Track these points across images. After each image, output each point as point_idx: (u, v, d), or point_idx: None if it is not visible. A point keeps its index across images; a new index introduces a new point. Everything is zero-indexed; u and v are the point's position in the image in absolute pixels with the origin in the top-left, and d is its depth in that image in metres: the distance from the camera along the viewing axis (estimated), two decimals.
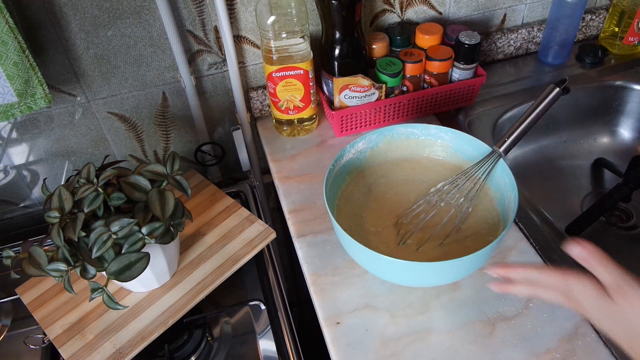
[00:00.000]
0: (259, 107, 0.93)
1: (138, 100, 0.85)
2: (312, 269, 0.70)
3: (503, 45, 1.01)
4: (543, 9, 1.00)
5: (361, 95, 0.83)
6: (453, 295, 0.66)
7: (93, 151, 0.89)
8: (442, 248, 0.65)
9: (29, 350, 0.72)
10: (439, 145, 0.74)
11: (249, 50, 0.86)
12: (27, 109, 0.70)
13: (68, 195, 0.61)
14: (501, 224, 0.66)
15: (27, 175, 0.88)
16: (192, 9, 0.79)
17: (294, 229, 0.75)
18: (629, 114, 0.98)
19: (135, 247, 0.59)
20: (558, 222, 0.76)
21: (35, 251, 0.60)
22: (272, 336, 0.71)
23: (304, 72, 0.80)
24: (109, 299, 0.60)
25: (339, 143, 0.87)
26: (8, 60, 0.65)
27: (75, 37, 0.75)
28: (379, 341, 0.62)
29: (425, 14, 0.92)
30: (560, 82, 0.66)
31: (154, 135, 0.91)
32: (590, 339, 0.60)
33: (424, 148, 0.75)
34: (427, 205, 0.69)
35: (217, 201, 0.82)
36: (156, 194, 0.62)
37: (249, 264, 0.74)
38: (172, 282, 0.71)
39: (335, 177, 0.69)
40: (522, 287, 0.53)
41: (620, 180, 0.86)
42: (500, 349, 0.60)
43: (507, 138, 0.67)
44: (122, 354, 0.64)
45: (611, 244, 0.86)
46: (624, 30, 0.98)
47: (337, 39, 0.79)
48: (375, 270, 0.64)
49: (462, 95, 0.90)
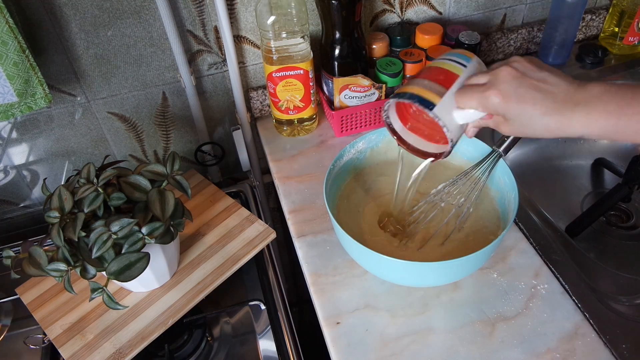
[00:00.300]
0: (259, 107, 0.93)
1: (138, 100, 0.85)
2: (312, 269, 0.70)
3: (503, 45, 1.01)
4: (543, 9, 1.00)
5: (361, 95, 0.83)
6: (453, 295, 0.66)
7: (93, 151, 0.89)
8: (443, 248, 0.65)
9: (29, 350, 0.72)
10: None
11: (249, 50, 0.86)
12: (27, 108, 0.70)
13: (68, 195, 0.61)
14: (501, 224, 0.66)
15: (27, 175, 0.88)
16: (192, 9, 0.79)
17: (294, 229, 0.75)
18: None
19: (135, 247, 0.59)
20: (558, 222, 0.76)
21: (35, 251, 0.60)
22: (272, 336, 0.71)
23: (304, 72, 0.80)
24: (109, 299, 0.60)
25: (339, 143, 0.87)
26: (8, 60, 0.65)
27: (75, 37, 0.75)
28: (379, 341, 0.62)
29: (425, 14, 0.92)
30: None
31: (154, 135, 0.91)
32: (590, 339, 0.60)
33: None
34: (427, 206, 0.69)
35: (217, 201, 0.82)
36: (156, 194, 0.62)
37: (249, 264, 0.74)
38: (172, 282, 0.71)
39: (335, 177, 0.69)
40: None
41: (620, 180, 0.86)
42: (500, 349, 0.60)
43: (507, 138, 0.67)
44: (122, 354, 0.64)
45: (611, 244, 0.86)
46: (624, 30, 0.98)
47: (337, 39, 0.79)
48: (375, 270, 0.64)
49: None
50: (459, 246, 0.65)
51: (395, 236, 0.67)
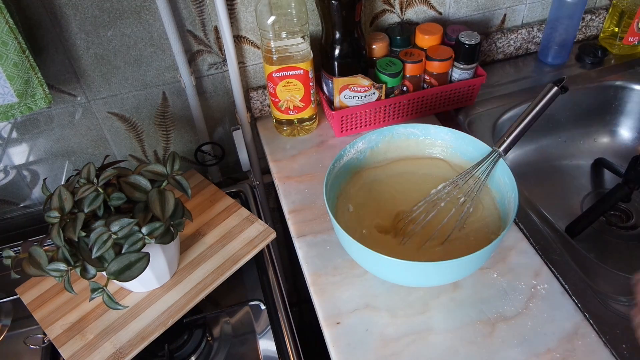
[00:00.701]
0: (259, 107, 0.93)
1: (138, 100, 0.85)
2: (312, 269, 0.70)
3: (503, 45, 1.01)
4: (543, 9, 1.00)
5: (361, 95, 0.83)
6: (453, 295, 0.66)
7: (93, 151, 0.89)
8: (443, 248, 0.65)
9: (29, 350, 0.72)
10: (439, 145, 0.74)
11: (249, 50, 0.86)
12: (27, 109, 0.70)
13: (68, 195, 0.61)
14: (501, 224, 0.66)
15: (27, 175, 0.88)
16: (192, 9, 0.79)
17: (294, 229, 0.75)
18: (629, 114, 0.98)
19: (135, 247, 0.59)
20: (558, 222, 0.76)
21: (36, 251, 0.60)
22: (272, 336, 0.71)
23: (304, 72, 0.80)
24: (109, 299, 0.60)
25: (339, 143, 0.87)
26: (8, 61, 0.65)
27: (75, 37, 0.75)
28: (379, 341, 0.62)
29: (425, 14, 0.92)
30: (559, 81, 0.66)
31: (154, 135, 0.91)
32: (590, 339, 0.60)
33: (424, 148, 0.75)
34: (427, 206, 0.69)
35: (217, 201, 0.82)
36: (156, 194, 0.62)
37: (249, 264, 0.74)
38: (172, 282, 0.71)
39: (335, 177, 0.69)
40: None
41: (620, 180, 0.86)
42: (500, 349, 0.60)
43: (507, 138, 0.67)
44: (122, 354, 0.64)
45: (611, 244, 0.86)
46: (624, 30, 0.98)
47: (337, 39, 0.79)
48: (375, 270, 0.64)
49: (462, 95, 0.90)
50: (459, 246, 0.65)
51: (395, 236, 0.67)
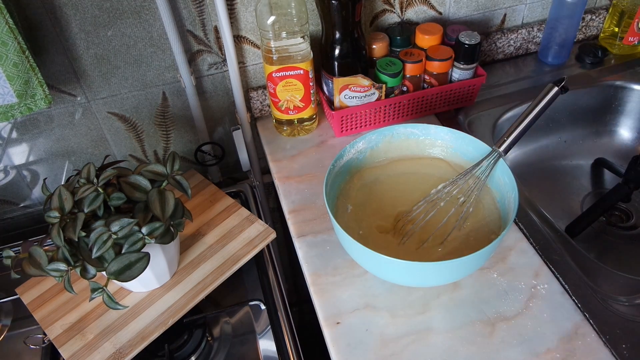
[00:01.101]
0: (259, 107, 0.93)
1: (138, 100, 0.85)
2: (312, 269, 0.70)
3: (503, 45, 1.01)
4: (543, 9, 1.00)
5: (361, 95, 0.83)
6: (453, 295, 0.66)
7: (93, 151, 0.89)
8: (443, 248, 0.65)
9: (29, 350, 0.72)
10: (439, 145, 0.74)
11: (249, 50, 0.86)
12: (27, 110, 0.70)
13: (68, 195, 0.61)
14: (501, 224, 0.66)
15: (27, 175, 0.88)
16: (192, 9, 0.79)
17: (294, 229, 0.75)
18: (629, 114, 0.98)
19: (135, 247, 0.59)
20: (558, 222, 0.76)
21: (36, 251, 0.60)
22: (272, 336, 0.71)
23: (304, 72, 0.80)
24: (109, 299, 0.60)
25: (339, 143, 0.87)
26: (8, 61, 0.65)
27: (75, 37, 0.75)
28: (379, 341, 0.62)
29: (425, 14, 0.92)
30: (559, 81, 0.66)
31: (154, 135, 0.91)
32: (590, 339, 0.60)
33: (424, 148, 0.75)
34: (427, 206, 0.69)
35: (217, 201, 0.82)
36: (156, 194, 0.62)
37: (249, 264, 0.74)
38: (172, 282, 0.71)
39: (335, 177, 0.69)
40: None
41: (620, 180, 0.86)
42: (500, 349, 0.60)
43: (507, 138, 0.67)
44: (122, 354, 0.64)
45: (611, 244, 0.86)
46: (624, 30, 0.98)
47: (337, 39, 0.79)
48: (375, 270, 0.64)
49: (462, 95, 0.90)
50: (459, 246, 0.65)
51: (395, 236, 0.67)
